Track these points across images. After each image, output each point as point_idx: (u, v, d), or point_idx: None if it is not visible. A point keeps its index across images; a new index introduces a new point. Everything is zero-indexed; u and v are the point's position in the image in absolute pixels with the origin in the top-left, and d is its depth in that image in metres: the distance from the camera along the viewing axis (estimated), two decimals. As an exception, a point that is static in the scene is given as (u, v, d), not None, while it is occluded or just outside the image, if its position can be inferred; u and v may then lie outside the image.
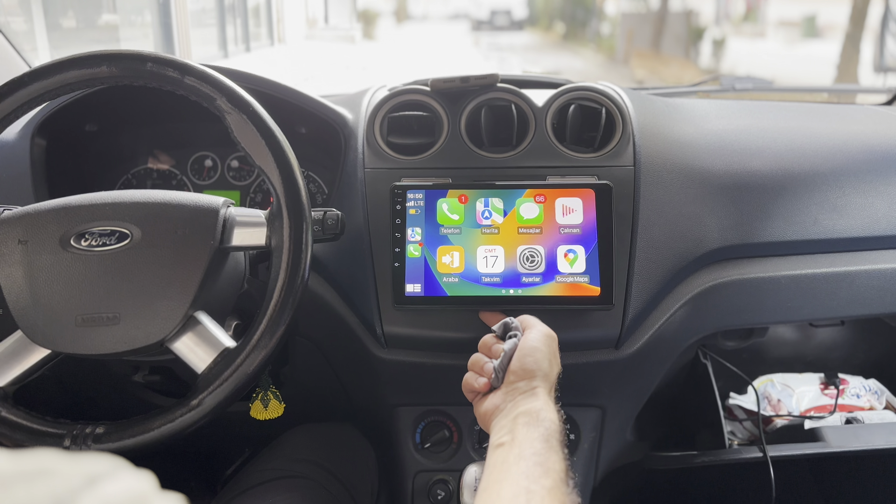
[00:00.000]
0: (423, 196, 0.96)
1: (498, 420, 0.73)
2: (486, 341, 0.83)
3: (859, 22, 8.10)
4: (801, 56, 13.47)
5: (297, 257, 0.77)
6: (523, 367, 0.76)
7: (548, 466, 0.63)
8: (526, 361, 0.76)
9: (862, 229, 1.11)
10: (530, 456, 0.64)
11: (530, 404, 0.72)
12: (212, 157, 1.23)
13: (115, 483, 0.32)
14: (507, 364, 0.77)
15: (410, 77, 1.15)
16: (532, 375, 0.75)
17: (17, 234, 0.77)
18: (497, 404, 0.75)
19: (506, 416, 0.72)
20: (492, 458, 0.68)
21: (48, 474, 0.31)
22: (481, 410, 0.77)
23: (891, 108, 1.44)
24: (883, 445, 1.18)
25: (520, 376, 0.75)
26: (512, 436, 0.68)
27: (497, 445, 0.69)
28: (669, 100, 1.22)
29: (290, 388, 1.17)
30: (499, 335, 0.83)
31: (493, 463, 0.67)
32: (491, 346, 0.82)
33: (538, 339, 0.78)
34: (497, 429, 0.72)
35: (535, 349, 0.77)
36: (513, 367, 0.76)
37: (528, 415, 0.70)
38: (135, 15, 8.22)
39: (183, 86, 0.79)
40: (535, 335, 0.79)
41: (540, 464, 0.63)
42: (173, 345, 0.76)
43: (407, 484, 1.11)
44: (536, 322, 0.83)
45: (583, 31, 20.24)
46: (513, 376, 0.76)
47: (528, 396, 0.73)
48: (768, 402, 1.35)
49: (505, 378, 0.77)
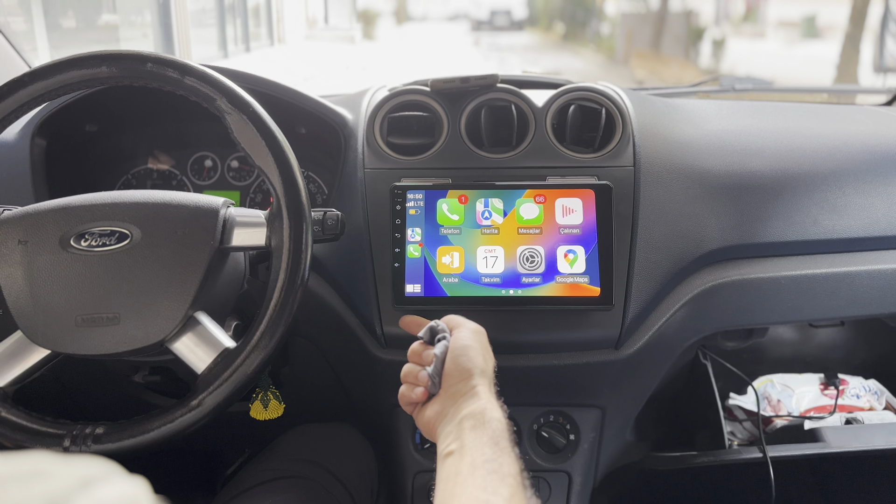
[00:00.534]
0: (422, 196, 0.96)
1: (443, 427, 0.71)
2: (415, 349, 0.79)
3: (859, 22, 8.10)
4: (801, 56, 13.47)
5: (297, 258, 0.77)
6: (458, 367, 0.73)
7: (503, 473, 0.61)
8: (460, 361, 0.73)
9: (862, 230, 1.11)
10: (483, 464, 0.62)
11: (473, 405, 0.69)
12: (212, 158, 1.23)
13: (109, 487, 0.32)
14: (441, 368, 0.74)
15: (410, 77, 1.15)
16: (469, 375, 0.72)
17: (17, 235, 0.77)
18: (439, 411, 0.72)
19: (450, 422, 0.70)
20: (443, 470, 0.65)
21: (42, 476, 0.31)
22: (424, 420, 0.74)
23: (890, 108, 1.44)
24: (883, 446, 1.18)
25: (457, 378, 0.73)
26: (460, 442, 0.66)
27: (446, 454, 0.66)
28: (669, 100, 1.22)
29: (290, 388, 1.16)
30: (426, 340, 0.79)
31: (445, 475, 0.64)
32: (421, 353, 0.78)
33: (467, 336, 0.76)
34: (444, 436, 0.69)
35: (467, 347, 0.74)
36: (448, 370, 0.74)
37: (474, 417, 0.68)
38: (135, 15, 8.22)
39: (183, 86, 0.79)
40: (464, 333, 0.76)
41: (494, 471, 0.61)
42: (173, 345, 0.76)
43: (407, 484, 1.11)
44: (462, 320, 0.80)
45: (583, 31, 20.24)
46: (450, 379, 0.73)
47: (469, 397, 0.70)
48: (768, 402, 1.35)
49: (442, 382, 0.74)
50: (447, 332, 0.78)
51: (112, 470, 0.33)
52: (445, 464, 0.65)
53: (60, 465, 0.32)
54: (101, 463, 0.34)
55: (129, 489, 0.33)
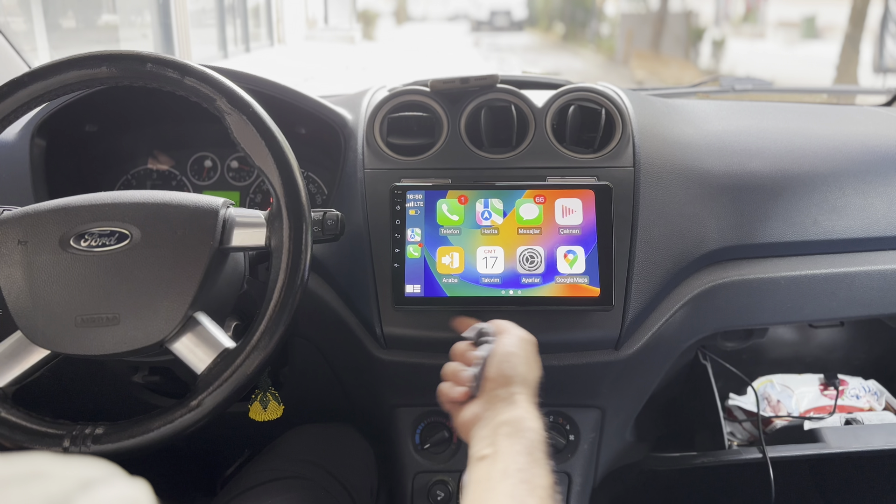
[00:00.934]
0: (422, 197, 0.96)
1: (478, 430, 0.70)
2: (460, 348, 0.80)
3: (859, 23, 8.11)
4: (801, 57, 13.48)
5: (297, 258, 0.77)
6: (501, 373, 0.73)
7: (534, 484, 0.61)
8: (503, 367, 0.73)
9: (861, 230, 1.11)
10: (515, 472, 0.62)
11: (511, 413, 0.69)
12: (211, 158, 1.23)
13: (110, 489, 0.32)
14: (483, 371, 0.74)
15: (410, 78, 1.15)
16: (510, 382, 0.72)
17: (16, 235, 0.77)
18: (477, 413, 0.72)
19: (486, 426, 0.69)
20: (474, 474, 0.65)
21: (43, 477, 0.31)
22: (461, 421, 0.74)
23: (890, 108, 1.44)
24: (882, 446, 1.18)
25: (498, 383, 0.72)
26: (494, 448, 0.65)
27: (479, 458, 0.66)
28: (669, 100, 1.22)
29: (290, 388, 1.17)
30: (473, 342, 0.80)
31: (476, 479, 0.64)
32: (465, 353, 0.79)
33: (514, 343, 0.76)
34: (478, 439, 0.69)
35: (512, 354, 0.74)
36: (490, 374, 0.73)
37: (510, 424, 0.67)
38: (134, 15, 8.22)
39: (183, 86, 0.79)
40: (510, 340, 0.76)
41: (525, 481, 0.61)
42: (173, 345, 0.76)
43: (406, 484, 1.11)
44: (511, 326, 0.80)
45: (582, 31, 20.24)
46: (490, 383, 0.73)
47: (508, 404, 0.70)
48: (768, 402, 1.35)
49: (482, 385, 0.74)
50: (494, 336, 0.78)
51: (112, 471, 0.33)
52: (477, 468, 0.65)
53: (60, 466, 0.32)
54: (101, 464, 0.34)
55: (129, 491, 0.33)
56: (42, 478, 0.31)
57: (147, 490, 0.34)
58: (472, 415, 0.73)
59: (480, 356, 0.75)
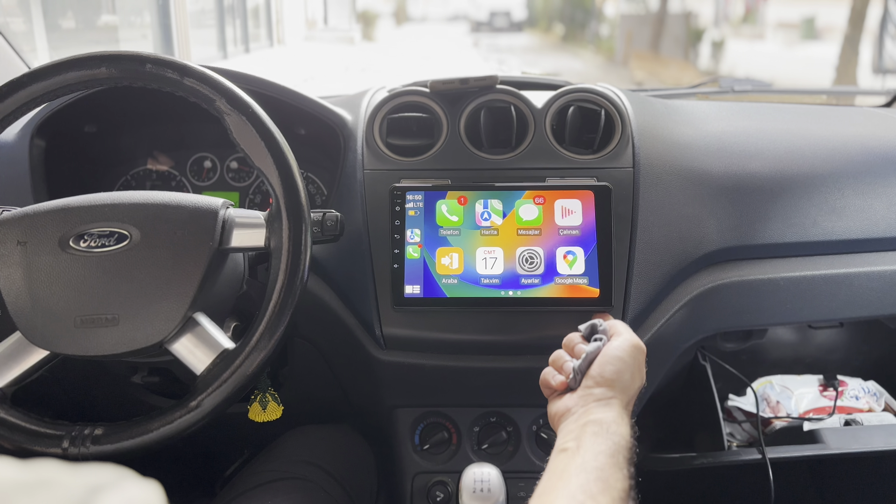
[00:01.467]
0: (422, 197, 0.96)
1: (566, 423, 0.70)
2: (571, 339, 0.81)
3: (858, 24, 8.11)
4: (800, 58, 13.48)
5: (297, 259, 0.77)
6: (603, 374, 0.72)
7: (609, 483, 0.60)
8: (606, 369, 0.73)
9: (861, 231, 1.11)
10: (593, 469, 0.61)
11: (602, 414, 0.69)
12: (211, 159, 1.23)
13: (119, 494, 0.31)
14: (587, 367, 0.74)
15: (410, 78, 1.15)
16: (611, 384, 0.72)
17: (16, 236, 0.77)
18: (569, 406, 0.72)
19: (575, 421, 0.69)
20: (553, 463, 0.65)
21: (50, 485, 0.30)
22: (553, 410, 0.75)
23: (889, 109, 1.44)
24: (882, 447, 1.18)
25: (598, 382, 0.72)
26: (577, 443, 0.65)
27: (561, 450, 0.66)
28: (668, 101, 1.22)
29: (289, 389, 1.16)
30: (584, 336, 0.80)
31: (553, 469, 0.64)
32: (574, 346, 0.79)
33: (624, 348, 0.75)
34: (564, 432, 0.69)
35: (619, 358, 0.74)
36: (592, 372, 0.73)
37: (598, 424, 0.67)
38: (134, 16, 8.22)
39: (182, 87, 0.79)
40: (621, 343, 0.75)
41: (601, 479, 0.60)
42: (172, 346, 0.76)
43: (406, 485, 1.10)
44: (626, 330, 0.79)
45: (582, 32, 20.25)
46: (591, 381, 0.73)
47: (602, 405, 0.70)
48: (767, 403, 1.35)
49: (582, 381, 0.74)
50: (606, 335, 0.78)
51: (122, 475, 0.33)
52: (556, 459, 0.66)
53: (69, 473, 0.32)
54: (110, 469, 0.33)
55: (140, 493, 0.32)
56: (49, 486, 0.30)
57: (159, 491, 0.33)
58: (565, 407, 0.73)
59: (587, 351, 0.75)
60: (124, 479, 0.33)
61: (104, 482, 0.32)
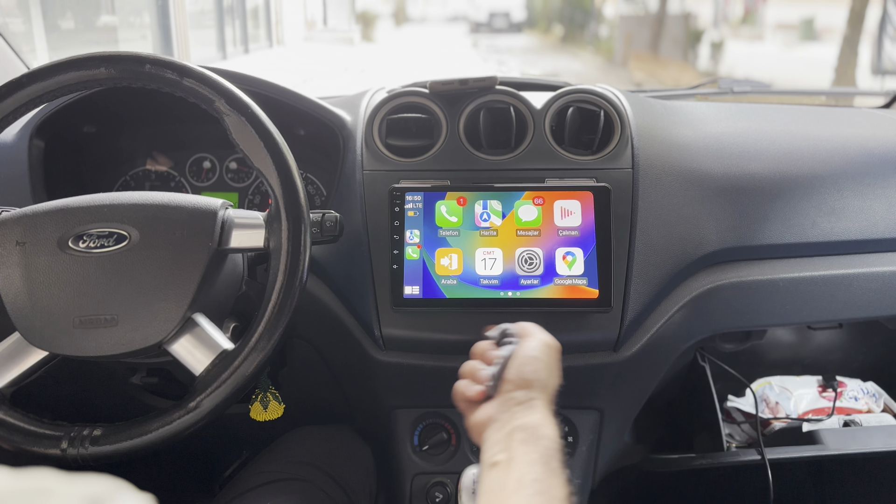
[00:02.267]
0: (421, 198, 0.96)
1: (491, 433, 0.68)
2: (482, 347, 0.78)
3: (857, 25, 8.12)
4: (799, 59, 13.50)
5: (296, 259, 0.76)
6: (521, 375, 0.71)
7: (550, 495, 0.59)
8: (524, 370, 0.71)
9: (860, 232, 1.11)
10: (530, 483, 0.59)
11: (527, 418, 0.67)
12: (210, 159, 1.23)
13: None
14: (503, 372, 0.72)
15: (409, 79, 1.15)
16: (530, 385, 0.70)
17: (14, 236, 0.77)
18: (491, 414, 0.70)
19: (500, 430, 0.67)
20: (487, 481, 0.63)
21: (47, 494, 0.30)
22: (474, 421, 0.72)
23: (888, 111, 1.44)
24: (881, 448, 1.18)
25: (517, 385, 0.70)
26: (508, 454, 0.63)
27: (492, 465, 0.64)
28: (668, 102, 1.22)
29: (288, 390, 1.16)
30: (495, 341, 0.78)
31: (488, 488, 0.62)
32: (486, 353, 0.77)
33: (537, 347, 0.74)
34: (491, 443, 0.67)
35: (534, 358, 0.72)
36: (509, 375, 0.71)
37: (525, 430, 0.65)
38: (133, 16, 8.23)
39: (181, 87, 0.79)
40: (534, 343, 0.74)
41: (541, 492, 0.58)
42: (171, 347, 0.76)
43: (405, 486, 1.10)
44: (536, 329, 0.77)
45: (581, 33, 20.26)
46: (509, 385, 0.71)
47: (524, 408, 0.68)
48: (766, 404, 1.35)
49: (500, 387, 0.71)
50: (517, 338, 0.76)
51: (118, 487, 0.33)
52: (490, 475, 0.63)
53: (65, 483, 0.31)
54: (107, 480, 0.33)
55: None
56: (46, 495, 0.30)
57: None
58: (486, 416, 0.71)
59: (501, 356, 0.73)
60: (120, 490, 0.33)
61: (101, 493, 0.31)
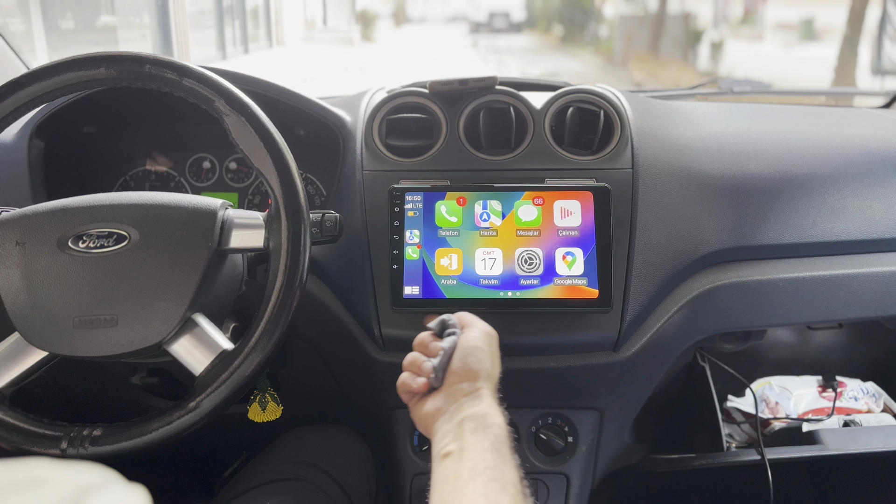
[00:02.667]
0: (421, 198, 0.96)
1: (441, 424, 0.69)
2: (423, 339, 0.78)
3: (857, 25, 8.12)
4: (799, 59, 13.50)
5: (296, 259, 0.76)
6: (465, 366, 0.71)
7: (504, 480, 0.60)
8: (468, 361, 0.71)
9: (859, 232, 1.11)
10: (483, 470, 0.60)
11: (475, 407, 0.68)
12: (210, 159, 1.23)
13: (108, 495, 0.32)
14: (447, 363, 0.72)
15: (409, 79, 1.15)
16: (475, 376, 0.71)
17: (14, 236, 0.77)
18: (439, 406, 0.71)
19: (449, 421, 0.68)
20: (441, 471, 0.64)
21: (40, 484, 0.30)
22: (421, 413, 0.73)
23: (888, 111, 1.44)
24: (880, 448, 1.18)
25: (462, 377, 0.71)
26: (460, 444, 0.64)
27: (444, 455, 0.65)
28: (667, 102, 1.22)
29: (288, 390, 1.16)
30: (436, 332, 0.78)
31: (443, 478, 0.63)
32: (428, 345, 0.77)
33: (479, 337, 0.74)
34: (441, 434, 0.68)
35: (478, 348, 0.73)
36: (454, 367, 0.72)
37: (475, 419, 0.66)
38: (133, 16, 8.23)
39: (181, 87, 0.79)
40: (475, 333, 0.75)
41: (496, 479, 0.60)
42: (171, 347, 0.76)
43: (405, 486, 1.10)
44: (476, 320, 0.78)
45: (581, 33, 20.26)
46: (454, 377, 0.71)
47: (472, 399, 0.69)
48: (766, 404, 1.35)
49: (446, 378, 0.72)
50: (458, 329, 0.76)
51: (111, 478, 0.33)
52: (443, 465, 0.64)
53: (59, 472, 0.32)
54: (99, 471, 0.33)
55: (127, 497, 0.32)
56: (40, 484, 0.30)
57: (145, 496, 0.33)
58: (434, 408, 0.71)
59: (443, 348, 0.73)
60: (111, 482, 0.33)
61: (93, 483, 0.32)
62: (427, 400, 0.73)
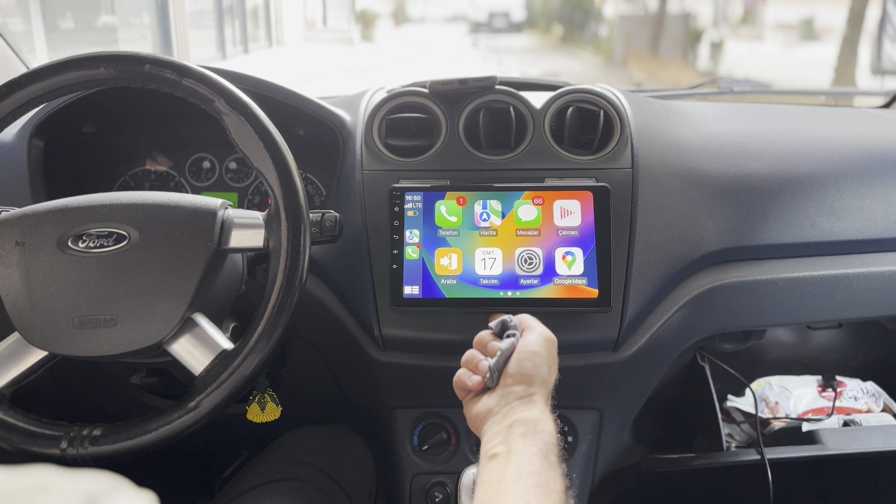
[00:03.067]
0: (421, 198, 0.96)
1: (490, 425, 0.69)
2: (483, 338, 0.79)
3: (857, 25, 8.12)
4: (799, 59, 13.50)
5: (295, 259, 0.76)
6: (522, 370, 0.71)
7: (548, 488, 0.59)
8: (525, 365, 0.71)
9: (859, 232, 1.11)
10: (529, 475, 0.60)
11: (527, 412, 0.67)
12: (210, 159, 1.23)
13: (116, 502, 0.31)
14: (503, 364, 0.73)
15: (409, 79, 1.15)
16: (530, 381, 0.71)
17: (14, 236, 0.77)
18: (491, 407, 0.71)
19: (500, 423, 0.68)
20: (486, 472, 0.64)
21: (46, 491, 0.30)
22: (473, 412, 0.73)
23: (888, 110, 1.44)
24: (880, 448, 1.18)
25: (517, 380, 0.71)
26: (507, 447, 0.64)
27: (491, 456, 0.65)
28: (667, 102, 1.22)
29: (288, 390, 1.16)
30: (495, 332, 0.78)
31: (487, 478, 0.63)
32: (487, 344, 0.77)
33: (538, 342, 0.74)
34: (490, 435, 0.68)
35: (535, 353, 0.72)
36: (510, 370, 0.72)
37: (525, 424, 0.66)
38: (133, 16, 8.22)
39: (181, 87, 0.79)
40: (535, 338, 0.74)
41: (540, 485, 0.59)
42: (171, 347, 0.76)
43: (404, 486, 1.10)
44: (536, 323, 0.78)
45: (581, 33, 20.26)
46: (509, 379, 0.71)
47: (524, 403, 0.69)
48: (766, 404, 1.35)
49: (501, 380, 0.72)
50: (518, 331, 0.76)
51: (118, 483, 0.33)
52: (489, 466, 0.64)
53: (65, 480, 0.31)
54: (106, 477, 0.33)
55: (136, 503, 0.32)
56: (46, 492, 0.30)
57: (154, 501, 0.33)
58: (486, 408, 0.71)
59: (502, 349, 0.73)
60: (120, 487, 0.33)
61: (100, 490, 0.31)
62: (480, 399, 0.73)
